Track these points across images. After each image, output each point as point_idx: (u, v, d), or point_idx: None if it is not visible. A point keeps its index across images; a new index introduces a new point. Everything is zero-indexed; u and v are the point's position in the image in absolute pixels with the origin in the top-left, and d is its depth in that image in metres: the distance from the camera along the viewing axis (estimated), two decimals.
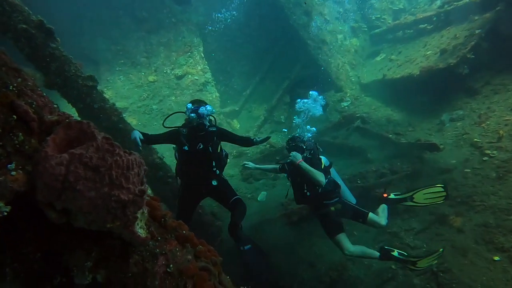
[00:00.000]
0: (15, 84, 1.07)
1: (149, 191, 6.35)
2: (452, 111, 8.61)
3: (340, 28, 13.06)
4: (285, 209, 6.78)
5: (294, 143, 4.97)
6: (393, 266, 5.80)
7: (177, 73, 11.23)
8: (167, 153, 6.82)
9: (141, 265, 1.19)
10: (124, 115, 10.31)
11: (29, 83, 1.15)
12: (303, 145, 4.95)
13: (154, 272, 1.21)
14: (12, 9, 4.44)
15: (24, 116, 1.02)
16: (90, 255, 1.10)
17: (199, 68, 11.51)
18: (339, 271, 5.92)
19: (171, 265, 1.27)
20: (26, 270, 1.03)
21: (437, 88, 8.91)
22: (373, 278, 5.71)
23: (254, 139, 4.76)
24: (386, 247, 5.19)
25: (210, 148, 4.37)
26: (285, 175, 5.39)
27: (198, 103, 4.50)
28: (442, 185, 5.36)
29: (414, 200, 5.39)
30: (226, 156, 4.83)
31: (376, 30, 13.10)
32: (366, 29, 13.68)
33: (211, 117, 4.60)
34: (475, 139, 7.41)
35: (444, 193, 5.28)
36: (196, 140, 4.36)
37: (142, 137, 4.22)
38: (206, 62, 11.70)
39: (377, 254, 5.03)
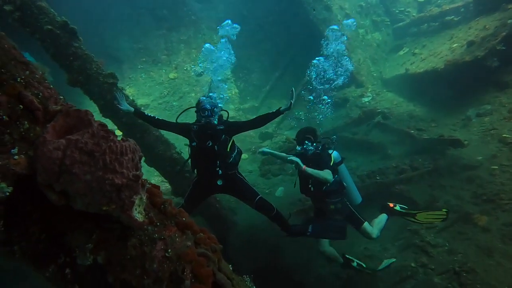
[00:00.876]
0: (22, 77, 1.15)
1: (166, 184, 6.44)
2: (479, 106, 8.25)
3: (362, 22, 12.78)
4: (302, 205, 6.75)
5: (303, 135, 4.90)
6: (412, 264, 5.69)
7: (197, 70, 11.39)
8: (185, 149, 6.96)
9: (139, 248, 1.24)
10: (145, 112, 10.62)
11: (37, 76, 1.22)
12: (311, 137, 4.87)
13: (152, 256, 1.26)
14: (39, 12, 4.66)
15: (29, 105, 1.09)
16: (91, 237, 1.16)
17: None
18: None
19: (170, 250, 1.32)
20: (33, 248, 1.11)
21: (463, 82, 8.56)
22: (391, 275, 5.61)
23: (276, 110, 4.55)
24: (347, 256, 5.31)
25: (216, 146, 4.34)
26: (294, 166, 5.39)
27: (207, 100, 4.45)
28: (446, 210, 5.37)
29: (416, 217, 5.44)
30: (239, 153, 4.70)
31: (399, 24, 12.74)
32: (389, 23, 13.33)
33: (222, 113, 4.57)
34: (504, 135, 7.09)
35: (445, 216, 5.35)
36: (205, 137, 4.34)
37: (132, 109, 4.49)
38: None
39: (341, 260, 5.28)
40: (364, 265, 5.37)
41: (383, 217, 5.34)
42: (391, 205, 5.47)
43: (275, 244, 6.19)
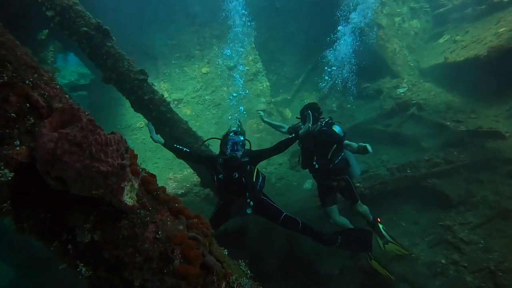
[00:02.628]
0: (31, 79, 1.34)
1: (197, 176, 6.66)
2: None
3: (398, 10, 12.23)
4: None
5: (312, 111, 4.76)
6: (443, 261, 5.51)
7: (229, 64, 11.58)
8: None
9: (131, 229, 1.40)
10: (179, 106, 11.05)
11: (45, 78, 1.41)
12: (317, 115, 4.92)
13: (143, 237, 1.41)
14: (76, 15, 5.04)
15: (35, 104, 1.27)
16: (89, 218, 1.33)
17: (250, 58, 11.72)
18: (383, 262, 5.76)
19: (160, 232, 1.46)
20: (39, 226, 1.30)
21: (508, 70, 7.96)
22: (420, 271, 5.47)
23: (295, 135, 4.50)
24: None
25: (243, 178, 4.41)
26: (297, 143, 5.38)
27: (234, 134, 4.50)
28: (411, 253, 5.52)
29: (385, 245, 5.50)
30: (263, 179, 4.74)
31: (440, 10, 12.03)
32: (429, 9, 12.64)
33: (246, 142, 4.61)
34: None
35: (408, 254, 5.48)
36: (231, 169, 4.42)
37: (162, 141, 4.63)
38: (257, 52, 11.85)
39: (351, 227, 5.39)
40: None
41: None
42: (379, 219, 5.60)
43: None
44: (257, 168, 4.66)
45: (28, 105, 1.27)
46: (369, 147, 4.28)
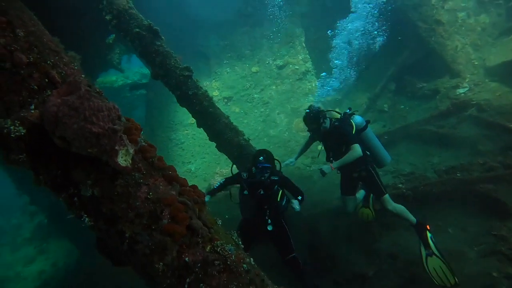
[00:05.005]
0: (52, 60, 1.64)
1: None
2: None
3: (463, 4, 11.34)
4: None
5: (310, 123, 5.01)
6: (494, 274, 5.06)
7: (278, 63, 11.75)
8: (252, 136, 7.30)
9: (126, 188, 1.63)
10: (228, 104, 11.50)
11: (64, 60, 1.72)
12: (319, 116, 4.92)
13: (136, 196, 1.64)
14: (130, 18, 5.60)
15: (52, 79, 1.57)
16: (90, 175, 1.59)
17: (300, 57, 11.77)
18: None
19: (151, 193, 1.67)
20: (52, 180, 1.59)
21: None
22: (465, 282, 5.09)
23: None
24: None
25: (269, 196, 4.48)
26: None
27: (264, 156, 4.55)
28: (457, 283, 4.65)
29: (428, 257, 4.92)
30: (288, 202, 4.69)
31: None
32: (501, 2, 11.51)
33: (276, 162, 4.71)
34: None
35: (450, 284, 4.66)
36: (257, 186, 4.49)
37: (209, 197, 4.64)
38: (307, 52, 11.86)
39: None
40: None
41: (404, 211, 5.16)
42: (428, 227, 5.14)
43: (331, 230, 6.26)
44: (284, 190, 4.68)
45: (47, 80, 1.57)
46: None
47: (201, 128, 6.47)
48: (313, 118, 4.93)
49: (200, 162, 10.76)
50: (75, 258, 10.05)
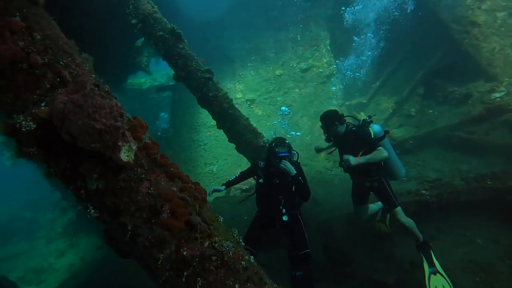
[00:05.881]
0: (64, 61, 1.77)
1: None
2: None
3: (504, 3, 10.79)
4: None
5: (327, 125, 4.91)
6: None
7: (302, 67, 11.71)
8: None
9: (128, 183, 1.72)
10: (251, 106, 11.57)
11: (77, 61, 1.84)
12: (333, 120, 4.87)
13: (138, 190, 1.72)
14: (154, 21, 5.81)
15: (63, 79, 1.69)
16: (95, 169, 1.69)
17: (324, 60, 11.68)
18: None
19: (152, 188, 1.75)
20: (61, 172, 1.70)
21: None
22: None
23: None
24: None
25: (284, 186, 4.45)
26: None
27: (281, 143, 4.50)
28: None
29: (432, 275, 4.79)
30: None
31: None
32: None
33: (293, 152, 4.62)
34: None
35: None
36: (273, 174, 4.48)
37: (220, 188, 4.76)
38: (332, 55, 11.74)
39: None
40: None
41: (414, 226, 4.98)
42: (431, 244, 5.01)
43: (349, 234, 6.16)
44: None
45: (58, 79, 1.69)
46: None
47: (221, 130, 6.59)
48: (327, 121, 4.89)
49: (222, 164, 10.90)
50: (102, 253, 10.47)
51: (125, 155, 1.64)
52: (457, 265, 5.29)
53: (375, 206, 5.63)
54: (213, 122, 11.72)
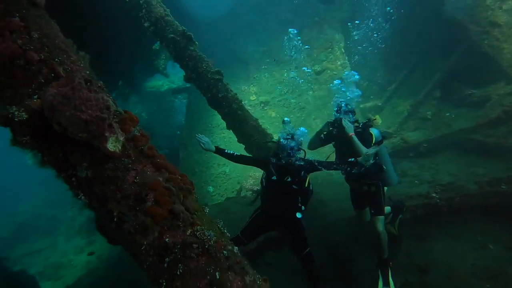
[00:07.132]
0: (60, 58, 1.90)
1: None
2: None
3: None
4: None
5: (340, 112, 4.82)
6: None
7: (316, 69, 11.69)
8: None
9: (115, 171, 1.83)
10: (265, 108, 11.63)
11: (72, 58, 1.97)
12: (351, 115, 4.81)
13: (124, 179, 1.82)
14: (166, 24, 5.99)
15: (57, 74, 1.82)
16: (85, 159, 1.80)
17: (338, 63, 11.63)
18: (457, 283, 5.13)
19: (138, 178, 1.85)
20: (54, 161, 1.83)
21: None
22: None
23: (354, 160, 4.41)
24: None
25: (297, 182, 4.43)
26: (332, 143, 5.24)
27: (290, 137, 4.47)
28: None
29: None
30: (311, 192, 4.69)
31: None
32: None
33: (302, 150, 4.61)
34: None
35: None
36: (285, 171, 4.43)
37: (213, 149, 4.74)
38: (346, 57, 11.68)
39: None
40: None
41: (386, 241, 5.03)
42: (391, 264, 5.01)
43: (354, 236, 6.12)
44: (308, 179, 4.61)
45: (53, 75, 1.82)
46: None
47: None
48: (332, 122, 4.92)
49: (235, 165, 10.98)
50: (118, 251, 10.77)
51: (112, 145, 1.74)
52: (467, 271, 5.17)
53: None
54: None
